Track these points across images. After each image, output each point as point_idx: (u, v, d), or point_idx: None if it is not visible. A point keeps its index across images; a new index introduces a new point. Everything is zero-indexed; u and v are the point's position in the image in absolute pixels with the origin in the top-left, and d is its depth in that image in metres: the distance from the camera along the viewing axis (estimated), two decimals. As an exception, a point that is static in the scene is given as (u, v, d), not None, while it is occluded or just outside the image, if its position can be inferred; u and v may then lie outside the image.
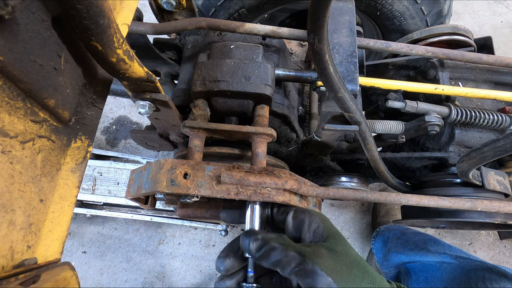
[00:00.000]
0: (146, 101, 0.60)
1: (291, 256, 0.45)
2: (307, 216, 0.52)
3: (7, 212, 0.34)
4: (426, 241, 1.18)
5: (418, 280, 1.09)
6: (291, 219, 0.53)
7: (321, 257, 0.46)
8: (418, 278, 1.09)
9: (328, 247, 0.49)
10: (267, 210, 0.58)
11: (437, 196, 0.65)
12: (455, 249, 1.11)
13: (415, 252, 1.15)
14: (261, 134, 0.65)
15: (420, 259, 1.13)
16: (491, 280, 0.86)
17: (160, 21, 0.85)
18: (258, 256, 0.48)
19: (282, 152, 0.90)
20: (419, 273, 1.10)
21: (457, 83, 0.89)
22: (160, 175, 0.54)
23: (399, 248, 1.23)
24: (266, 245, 0.47)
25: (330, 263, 0.45)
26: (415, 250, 1.16)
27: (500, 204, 0.65)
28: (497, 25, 2.22)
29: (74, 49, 0.42)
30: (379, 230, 1.42)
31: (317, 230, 0.51)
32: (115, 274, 1.54)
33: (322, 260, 0.45)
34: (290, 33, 0.77)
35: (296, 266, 0.45)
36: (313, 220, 0.52)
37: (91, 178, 1.44)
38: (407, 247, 1.20)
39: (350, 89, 0.63)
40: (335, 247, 0.49)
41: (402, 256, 1.20)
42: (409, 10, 1.08)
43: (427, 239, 1.19)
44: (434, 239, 1.19)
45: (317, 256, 0.46)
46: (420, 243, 1.18)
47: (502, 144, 0.55)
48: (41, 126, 0.39)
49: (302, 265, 0.45)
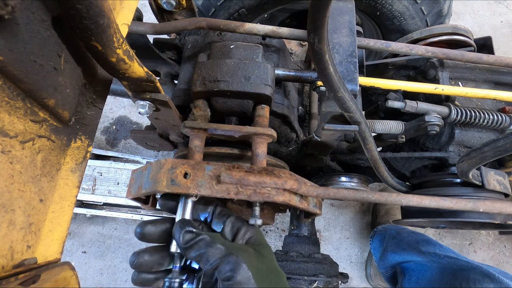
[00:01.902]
0: (146, 101, 0.60)
1: (218, 248, 0.47)
2: (245, 225, 0.55)
3: (7, 212, 0.34)
4: (418, 240, 1.19)
5: (410, 280, 1.10)
6: (230, 223, 0.54)
7: (247, 253, 0.48)
8: (411, 278, 1.10)
9: (257, 249, 0.51)
10: (210, 208, 0.57)
11: (437, 196, 0.64)
12: (446, 248, 1.13)
13: (408, 252, 1.16)
14: (261, 135, 0.65)
15: (412, 258, 1.14)
16: (474, 280, 0.88)
17: (160, 21, 0.85)
18: (185, 246, 0.48)
19: (282, 152, 0.90)
20: (412, 273, 1.11)
21: (457, 83, 0.89)
22: (160, 174, 0.54)
23: (393, 247, 1.24)
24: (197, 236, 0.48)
25: (254, 261, 0.47)
26: (407, 250, 1.17)
27: (503, 205, 0.64)
28: (497, 25, 2.22)
29: (74, 49, 0.42)
30: (376, 230, 1.43)
31: (250, 239, 0.54)
32: (115, 274, 1.54)
33: (247, 255, 0.47)
34: (290, 33, 0.77)
35: (220, 257, 0.46)
36: (249, 230, 0.54)
37: (91, 178, 1.44)
38: (400, 246, 1.21)
39: (350, 89, 0.63)
40: (263, 252, 0.51)
41: (396, 256, 1.21)
42: (409, 10, 1.08)
43: (420, 239, 1.20)
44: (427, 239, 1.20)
45: (243, 251, 0.48)
46: (412, 242, 1.19)
47: (502, 144, 0.55)
48: (41, 126, 0.39)
49: (226, 257, 0.46)
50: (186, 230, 0.49)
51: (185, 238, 0.49)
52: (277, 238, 1.64)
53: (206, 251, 0.47)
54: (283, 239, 1.08)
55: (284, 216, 1.68)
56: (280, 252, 1.04)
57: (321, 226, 1.67)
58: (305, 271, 0.95)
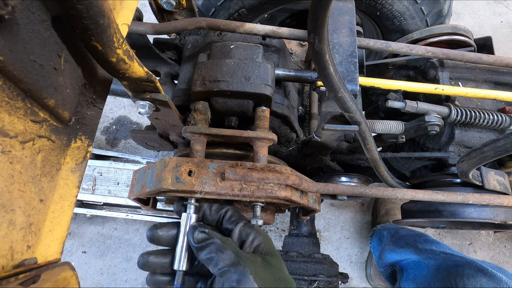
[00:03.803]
0: (146, 101, 0.60)
1: (228, 254, 0.48)
2: (253, 231, 0.55)
3: (7, 212, 0.34)
4: (415, 238, 1.19)
5: (408, 278, 1.10)
6: (238, 230, 0.55)
7: (255, 264, 0.49)
8: (408, 276, 1.10)
9: (265, 259, 0.52)
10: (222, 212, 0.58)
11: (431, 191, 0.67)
12: (442, 245, 1.13)
13: (405, 249, 1.17)
14: (262, 139, 0.65)
15: (409, 256, 1.15)
16: (468, 275, 0.89)
17: (160, 21, 0.85)
18: (198, 246, 0.50)
19: (282, 152, 0.90)
20: (409, 271, 1.11)
21: (457, 83, 0.89)
22: (165, 173, 0.55)
23: (392, 246, 1.24)
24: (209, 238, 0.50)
25: (261, 272, 0.48)
26: (405, 247, 1.18)
27: (490, 197, 0.67)
28: (497, 25, 2.22)
29: (74, 49, 0.42)
30: (376, 229, 1.43)
31: (258, 247, 0.54)
32: (115, 274, 1.54)
33: (254, 266, 0.48)
34: (290, 33, 0.77)
35: (229, 264, 0.47)
36: (257, 237, 0.55)
37: (91, 178, 1.44)
38: (398, 244, 1.21)
39: (350, 89, 0.63)
40: (271, 261, 0.52)
41: (394, 254, 1.21)
42: (409, 10, 1.08)
43: (417, 235, 1.21)
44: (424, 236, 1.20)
45: (251, 262, 0.49)
46: (410, 240, 1.19)
47: (502, 144, 0.56)
48: (41, 126, 0.39)
49: (234, 265, 0.47)
50: (199, 230, 0.51)
51: (197, 238, 0.50)
52: (277, 238, 1.64)
53: (216, 255, 0.48)
54: (283, 239, 1.08)
55: (284, 216, 1.68)
56: (280, 252, 1.04)
57: (321, 226, 1.67)
58: (305, 271, 0.95)
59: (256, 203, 0.61)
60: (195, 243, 0.50)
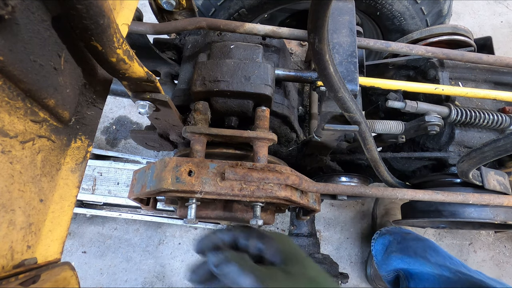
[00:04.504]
0: (146, 101, 0.60)
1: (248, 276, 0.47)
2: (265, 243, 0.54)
3: (7, 212, 0.34)
4: (426, 249, 1.17)
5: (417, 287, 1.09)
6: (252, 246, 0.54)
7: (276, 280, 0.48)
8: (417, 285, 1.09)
9: (285, 270, 0.51)
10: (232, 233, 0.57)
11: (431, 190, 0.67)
12: (456, 261, 1.11)
13: (415, 260, 1.15)
14: (262, 139, 0.66)
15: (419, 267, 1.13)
16: None
17: (160, 21, 0.85)
18: (217, 272, 0.49)
19: (282, 152, 0.90)
20: (418, 282, 1.10)
21: (457, 83, 0.89)
22: (165, 173, 0.55)
23: (399, 253, 1.22)
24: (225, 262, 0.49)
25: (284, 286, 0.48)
26: (414, 258, 1.16)
27: (490, 197, 0.67)
28: (497, 25, 2.22)
29: (74, 49, 0.42)
30: (380, 232, 1.41)
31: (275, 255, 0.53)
32: (115, 274, 1.54)
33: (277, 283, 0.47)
34: (290, 33, 0.77)
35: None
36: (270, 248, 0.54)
37: (91, 178, 1.44)
38: (406, 253, 1.20)
39: (350, 89, 0.63)
40: (291, 270, 0.51)
41: (401, 262, 1.20)
42: (409, 10, 1.08)
43: (427, 247, 1.19)
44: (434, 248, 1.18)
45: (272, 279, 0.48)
46: (419, 251, 1.17)
47: (502, 144, 0.56)
48: (41, 126, 0.39)
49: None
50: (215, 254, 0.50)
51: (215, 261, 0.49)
52: (277, 238, 1.64)
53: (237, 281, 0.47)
54: (283, 239, 1.08)
55: (284, 216, 1.68)
56: (280, 252, 1.04)
57: (321, 226, 1.67)
58: (305, 271, 0.95)
59: (256, 203, 0.61)
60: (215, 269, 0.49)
